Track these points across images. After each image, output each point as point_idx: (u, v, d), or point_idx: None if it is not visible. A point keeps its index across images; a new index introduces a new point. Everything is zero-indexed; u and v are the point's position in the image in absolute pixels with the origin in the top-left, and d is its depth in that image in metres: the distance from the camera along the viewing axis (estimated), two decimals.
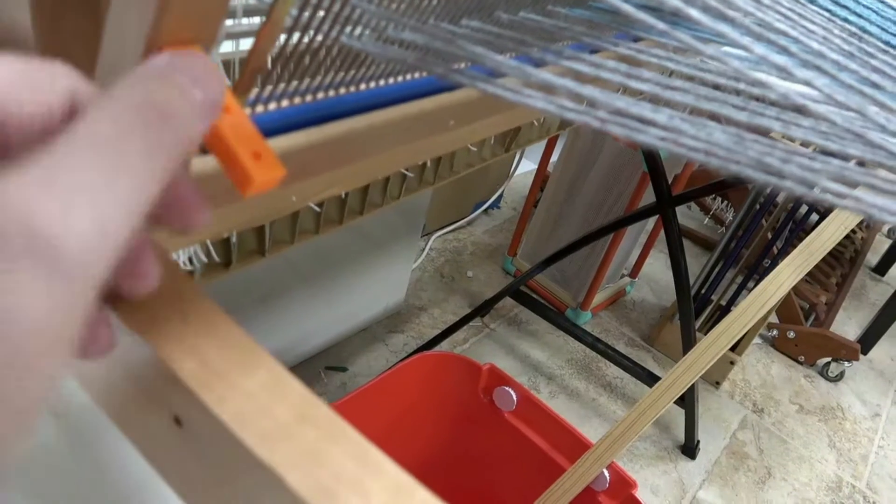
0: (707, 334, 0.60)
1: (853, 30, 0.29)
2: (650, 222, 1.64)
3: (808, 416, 1.55)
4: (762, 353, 1.71)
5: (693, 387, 1.25)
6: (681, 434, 1.35)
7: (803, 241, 0.59)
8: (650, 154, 1.19)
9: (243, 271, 0.39)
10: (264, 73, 0.24)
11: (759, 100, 0.22)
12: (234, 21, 0.29)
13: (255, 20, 0.30)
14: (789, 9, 0.25)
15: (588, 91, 0.20)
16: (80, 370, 0.23)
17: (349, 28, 0.24)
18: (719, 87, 0.23)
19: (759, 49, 0.20)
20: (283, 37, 0.23)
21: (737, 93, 0.23)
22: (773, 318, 1.75)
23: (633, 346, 1.58)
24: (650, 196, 1.23)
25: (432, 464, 1.00)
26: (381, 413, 0.90)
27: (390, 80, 0.31)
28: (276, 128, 0.26)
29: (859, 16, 0.30)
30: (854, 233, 2.08)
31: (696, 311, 1.56)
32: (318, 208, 0.40)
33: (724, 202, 2.14)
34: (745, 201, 1.44)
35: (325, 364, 1.28)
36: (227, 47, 0.31)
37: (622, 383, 1.46)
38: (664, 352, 1.58)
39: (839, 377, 1.67)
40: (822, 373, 1.69)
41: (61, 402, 0.39)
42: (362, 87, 0.30)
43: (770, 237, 1.51)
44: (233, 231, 0.35)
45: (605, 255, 1.46)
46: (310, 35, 0.23)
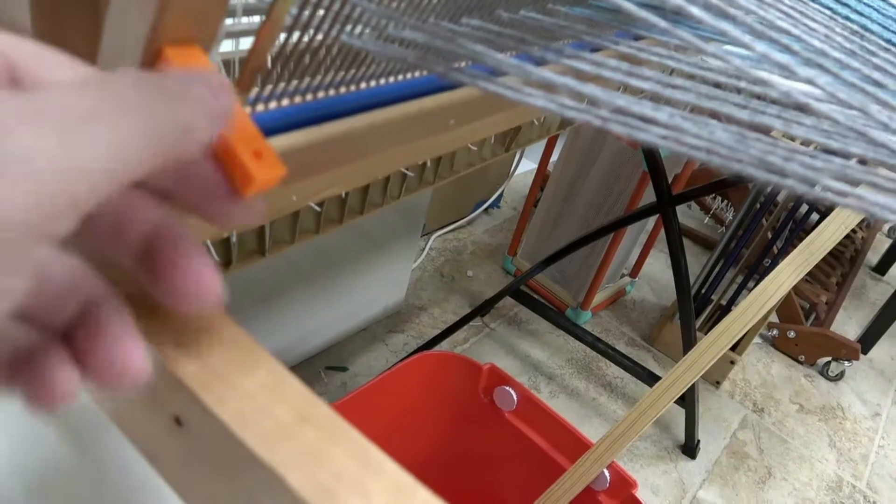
0: (707, 334, 0.60)
1: (855, 28, 0.29)
2: (650, 222, 1.64)
3: (809, 416, 1.55)
4: (762, 353, 1.71)
5: (693, 386, 1.25)
6: (681, 434, 1.35)
7: (804, 240, 0.59)
8: (650, 153, 1.19)
9: (243, 271, 0.39)
10: (264, 72, 0.24)
11: (760, 98, 0.22)
12: (234, 20, 0.29)
13: (254, 19, 0.30)
14: (791, 7, 0.25)
15: (589, 89, 0.20)
16: None
17: (349, 27, 0.24)
18: (721, 86, 0.23)
19: (761, 47, 0.20)
20: (283, 36, 0.23)
21: (738, 91, 0.23)
22: (774, 318, 1.75)
23: (633, 346, 1.58)
24: (650, 195, 1.23)
25: (432, 464, 1.00)
26: (381, 413, 0.90)
27: (390, 79, 0.31)
28: (276, 127, 0.26)
29: (861, 14, 0.30)
30: (854, 232, 2.08)
31: (697, 310, 1.56)
32: (318, 208, 0.40)
33: (725, 201, 2.14)
34: (745, 201, 1.44)
35: (325, 364, 1.28)
36: (226, 46, 0.31)
37: (622, 383, 1.46)
38: (664, 351, 1.58)
39: (839, 377, 1.67)
40: (823, 372, 1.69)
41: None
42: (362, 85, 0.30)
43: (770, 237, 1.51)
44: (233, 231, 0.35)
45: (606, 254, 1.46)
46: (310, 34, 0.23)
